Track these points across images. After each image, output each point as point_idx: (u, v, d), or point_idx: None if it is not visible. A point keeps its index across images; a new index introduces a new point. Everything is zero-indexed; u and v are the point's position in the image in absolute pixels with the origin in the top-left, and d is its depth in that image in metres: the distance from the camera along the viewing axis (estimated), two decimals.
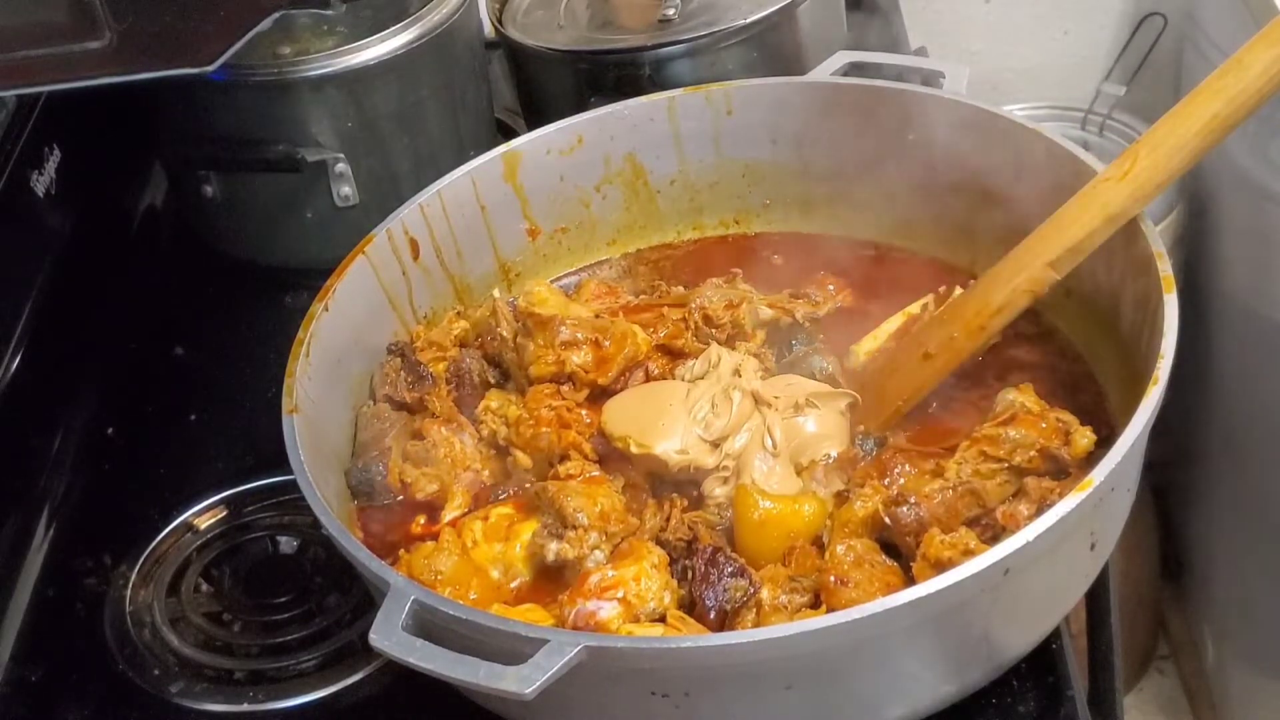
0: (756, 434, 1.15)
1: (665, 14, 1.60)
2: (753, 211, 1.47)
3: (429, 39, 1.54)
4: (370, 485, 1.21)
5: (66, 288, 1.51)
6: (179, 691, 1.18)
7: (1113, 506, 1.03)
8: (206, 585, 1.28)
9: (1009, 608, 0.97)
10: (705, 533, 1.11)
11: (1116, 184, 1.09)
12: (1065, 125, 2.31)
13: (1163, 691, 2.40)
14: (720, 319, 1.30)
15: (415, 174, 1.54)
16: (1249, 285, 1.98)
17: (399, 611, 0.92)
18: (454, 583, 1.10)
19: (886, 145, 1.34)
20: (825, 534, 1.09)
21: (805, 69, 1.44)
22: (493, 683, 0.87)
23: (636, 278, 1.45)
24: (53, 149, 1.53)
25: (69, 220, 1.55)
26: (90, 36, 1.21)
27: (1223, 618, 2.24)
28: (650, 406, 1.18)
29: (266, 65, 1.50)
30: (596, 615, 1.03)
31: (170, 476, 1.40)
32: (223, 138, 1.55)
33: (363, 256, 1.27)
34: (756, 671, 0.92)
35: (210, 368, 1.56)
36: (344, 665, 1.18)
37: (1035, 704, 1.05)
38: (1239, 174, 1.92)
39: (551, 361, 1.25)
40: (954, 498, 1.06)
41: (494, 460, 1.24)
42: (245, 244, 1.65)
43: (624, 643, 0.95)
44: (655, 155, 1.44)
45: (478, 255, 1.40)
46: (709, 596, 1.03)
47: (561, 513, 1.10)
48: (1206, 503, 2.24)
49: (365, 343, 1.29)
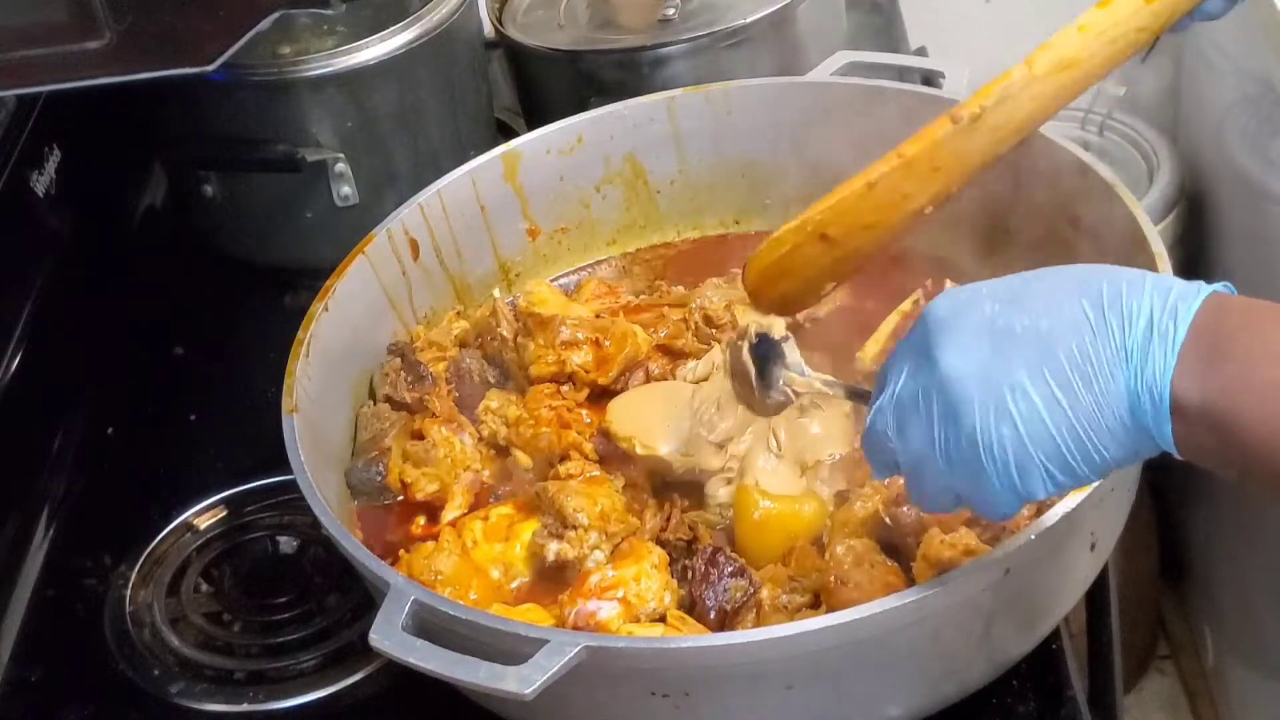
0: (760, 436, 1.15)
1: (665, 14, 1.60)
2: (753, 211, 1.47)
3: (429, 39, 1.54)
4: (370, 485, 1.21)
5: (66, 288, 1.51)
6: (179, 691, 1.18)
7: (1113, 506, 1.03)
8: (206, 585, 1.28)
9: (1009, 608, 0.97)
10: (705, 533, 1.11)
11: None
12: (1065, 125, 2.31)
13: (1163, 691, 2.40)
14: (720, 319, 1.30)
15: (415, 174, 1.54)
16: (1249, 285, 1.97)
17: (399, 611, 0.92)
18: (454, 583, 1.10)
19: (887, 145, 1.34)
20: (825, 534, 1.09)
21: (805, 69, 1.44)
22: (493, 683, 0.87)
23: (635, 278, 1.45)
24: (53, 149, 1.53)
25: (69, 220, 1.55)
26: (90, 36, 1.21)
27: (1223, 618, 2.24)
28: (655, 407, 1.18)
29: (266, 65, 1.50)
30: (596, 615, 1.03)
31: (170, 476, 1.40)
32: (223, 138, 1.55)
33: (363, 256, 1.27)
34: (756, 671, 0.92)
35: (210, 368, 1.56)
36: (344, 665, 1.18)
37: (1035, 704, 1.05)
38: (1239, 174, 1.92)
39: (552, 361, 1.25)
40: None
41: (494, 460, 1.24)
42: (245, 244, 1.65)
43: (624, 643, 0.95)
44: (655, 155, 1.44)
45: (478, 255, 1.40)
46: (709, 596, 1.03)
47: (561, 513, 1.10)
48: (1206, 503, 2.24)
49: (365, 343, 1.29)
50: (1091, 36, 1.00)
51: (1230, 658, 2.20)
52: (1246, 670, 2.16)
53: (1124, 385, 0.72)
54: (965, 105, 1.04)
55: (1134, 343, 0.72)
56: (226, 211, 1.62)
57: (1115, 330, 0.73)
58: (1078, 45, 1.01)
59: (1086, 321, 0.73)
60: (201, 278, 1.67)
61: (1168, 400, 0.72)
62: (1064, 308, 0.74)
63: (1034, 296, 0.76)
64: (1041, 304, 0.75)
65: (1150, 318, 0.72)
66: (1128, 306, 0.73)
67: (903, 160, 1.08)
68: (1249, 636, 2.13)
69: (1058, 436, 0.74)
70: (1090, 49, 1.00)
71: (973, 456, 0.76)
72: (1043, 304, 0.75)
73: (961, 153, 1.05)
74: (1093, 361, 0.73)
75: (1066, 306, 0.74)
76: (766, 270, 1.16)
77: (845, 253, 1.07)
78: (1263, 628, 2.06)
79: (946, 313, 0.78)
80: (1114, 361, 0.73)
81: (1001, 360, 0.75)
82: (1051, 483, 0.76)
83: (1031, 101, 1.03)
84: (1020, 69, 1.02)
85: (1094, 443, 0.74)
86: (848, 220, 1.09)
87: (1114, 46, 1.00)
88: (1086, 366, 0.73)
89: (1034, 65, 1.02)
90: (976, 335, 0.76)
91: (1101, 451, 0.74)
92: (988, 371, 0.75)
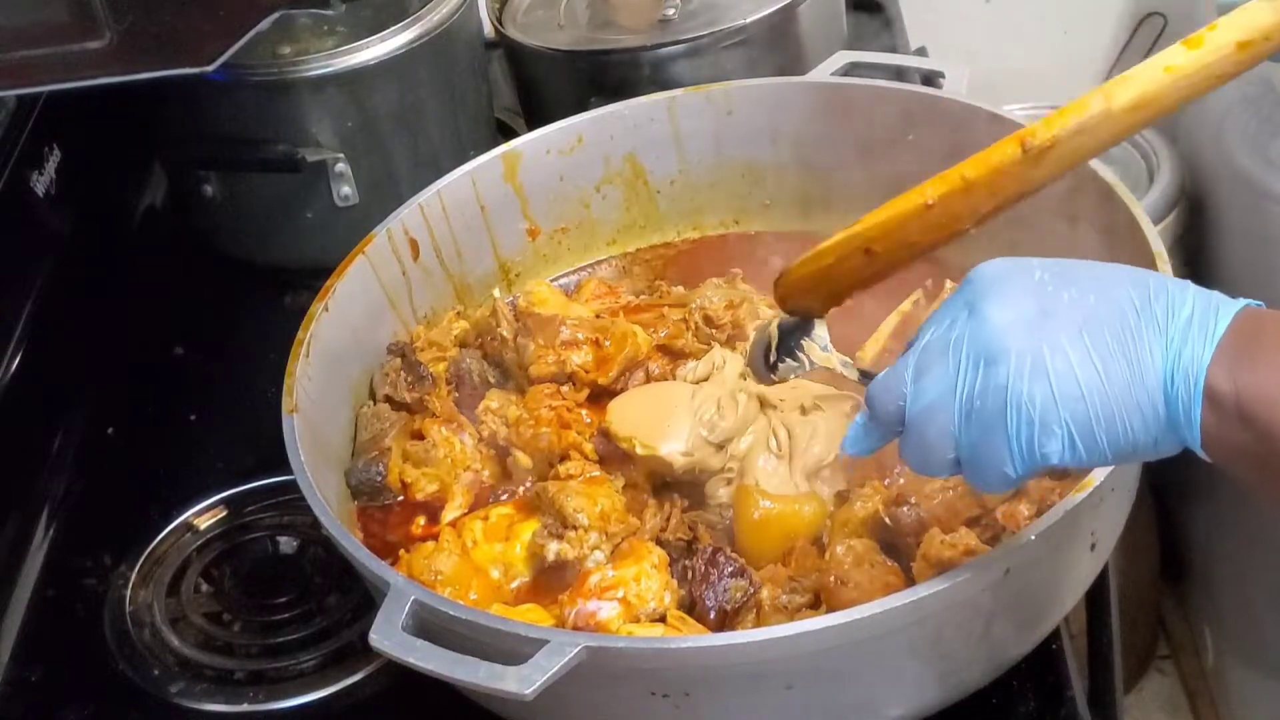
0: (761, 436, 1.15)
1: (665, 14, 1.60)
2: (753, 211, 1.47)
3: (429, 39, 1.54)
4: (370, 485, 1.21)
5: (66, 288, 1.51)
6: (179, 691, 1.18)
7: (1113, 506, 1.03)
8: (206, 585, 1.28)
9: (1009, 608, 0.97)
10: (705, 533, 1.11)
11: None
12: None
13: (1163, 691, 2.40)
14: (720, 319, 1.30)
15: (415, 174, 1.54)
16: (1249, 285, 1.98)
17: (399, 611, 0.92)
18: (454, 583, 1.10)
19: (886, 145, 1.34)
20: (825, 534, 1.09)
21: (805, 69, 1.44)
22: (493, 683, 0.87)
23: (635, 278, 1.45)
24: (53, 149, 1.53)
25: (69, 220, 1.55)
26: (90, 36, 1.21)
27: (1223, 618, 2.24)
28: (656, 408, 1.18)
29: (266, 65, 1.50)
30: (596, 615, 1.03)
31: (170, 476, 1.40)
32: (223, 138, 1.55)
33: (363, 256, 1.27)
34: (756, 671, 0.92)
35: (210, 368, 1.56)
36: (344, 665, 1.18)
37: (1035, 704, 1.05)
38: (1239, 174, 1.92)
39: (552, 361, 1.25)
40: (954, 498, 1.05)
41: (494, 460, 1.24)
42: (245, 244, 1.65)
43: (624, 643, 0.95)
44: (655, 155, 1.44)
45: (478, 255, 1.40)
46: (709, 596, 1.03)
47: (561, 513, 1.10)
48: (1206, 503, 2.24)
49: (365, 343, 1.29)
50: (1177, 78, 0.99)
51: (1230, 658, 2.20)
52: (1246, 670, 2.16)
53: (1161, 364, 0.75)
54: (1037, 133, 1.02)
55: (1175, 329, 0.75)
56: (226, 211, 1.62)
57: (1159, 316, 0.76)
58: (1160, 85, 0.99)
59: (1132, 305, 0.76)
60: (201, 278, 1.67)
61: (1201, 384, 0.74)
62: (1111, 290, 0.77)
63: (1083, 275, 0.79)
64: (1090, 282, 0.78)
65: (1192, 311, 0.76)
66: (1172, 299, 0.76)
67: (965, 183, 1.07)
68: (1249, 636, 2.13)
69: (1088, 400, 0.75)
70: (1172, 90, 0.99)
71: (995, 407, 0.77)
72: (1092, 282, 0.78)
73: (1023, 179, 1.04)
74: (1134, 337, 0.75)
75: (1114, 289, 0.77)
76: (803, 280, 1.15)
77: (883, 266, 1.07)
78: (1263, 628, 2.06)
79: (996, 271, 0.81)
80: (1154, 341, 0.75)
81: (1046, 319, 0.77)
82: (1069, 450, 0.77)
83: (1105, 136, 1.02)
84: (1098, 100, 1.00)
85: (1122, 417, 0.75)
86: (895, 237, 1.08)
87: (1194, 90, 0.99)
88: (1127, 341, 0.75)
89: (1112, 100, 1.00)
90: (1024, 293, 0.78)
91: (1127, 428, 0.76)
92: (1030, 326, 0.77)
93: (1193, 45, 0.96)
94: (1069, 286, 0.78)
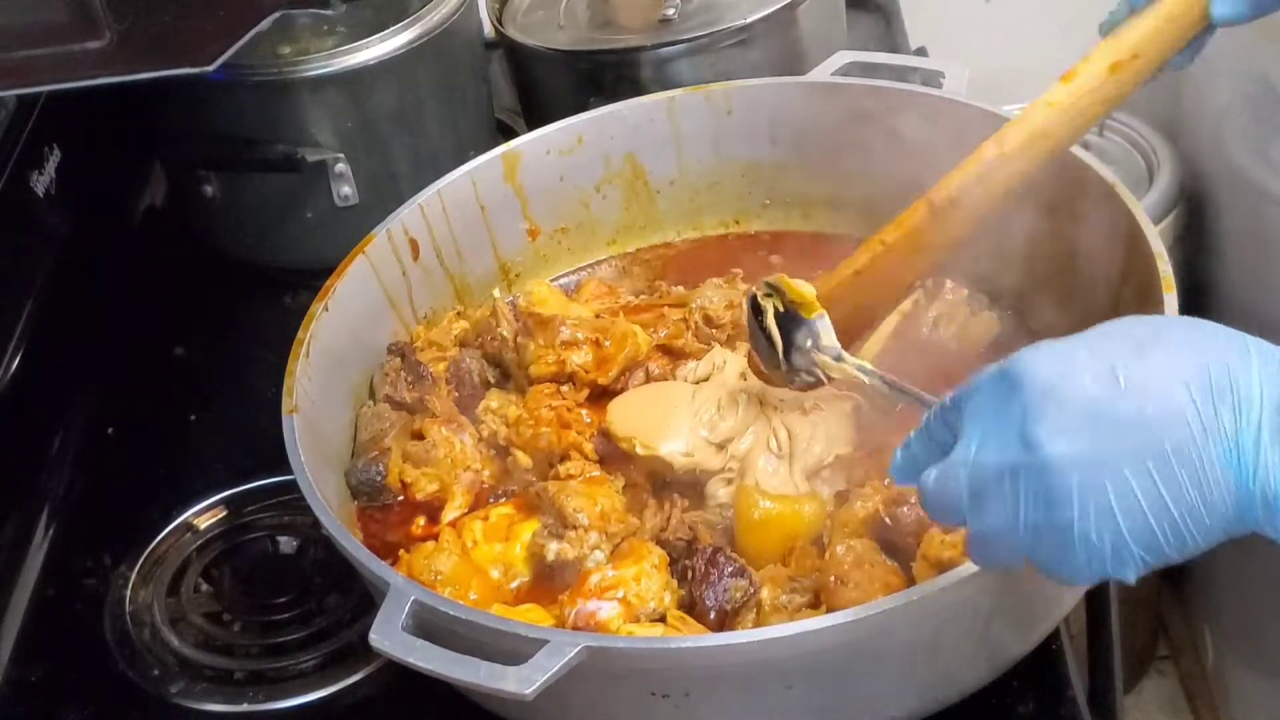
0: (761, 436, 1.15)
1: (665, 14, 1.60)
2: (753, 211, 1.47)
3: (429, 39, 1.54)
4: (370, 485, 1.21)
5: (66, 288, 1.51)
6: (179, 691, 1.18)
7: None
8: (206, 585, 1.28)
9: (1009, 608, 0.97)
10: (705, 533, 1.11)
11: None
12: None
13: (1163, 691, 2.40)
14: (720, 319, 1.30)
15: (415, 174, 1.54)
16: (1249, 285, 1.98)
17: (399, 612, 0.92)
18: (454, 583, 1.10)
19: (886, 145, 1.34)
20: (825, 534, 1.09)
21: (805, 69, 1.44)
22: (493, 683, 0.87)
23: (635, 278, 1.45)
24: (53, 149, 1.53)
25: (69, 220, 1.55)
26: (90, 36, 1.20)
27: (1223, 618, 2.24)
28: (656, 408, 1.18)
29: (266, 65, 1.50)
30: (596, 615, 1.03)
31: (170, 476, 1.40)
32: (223, 138, 1.55)
33: (363, 256, 1.27)
34: (756, 671, 0.92)
35: (210, 368, 1.56)
36: (344, 665, 1.18)
37: (1035, 704, 1.05)
38: (1239, 174, 1.92)
39: (552, 361, 1.25)
40: None
41: (494, 460, 1.24)
42: (245, 244, 1.65)
43: (624, 643, 0.95)
44: (655, 155, 1.44)
45: (478, 255, 1.40)
46: (709, 596, 1.03)
47: (561, 513, 1.10)
48: None
49: (365, 343, 1.29)
50: (1059, 111, 1.03)
51: (1230, 658, 2.20)
52: (1246, 670, 2.16)
53: (1234, 484, 0.71)
54: (941, 190, 1.08)
55: (1247, 438, 0.71)
56: (226, 211, 1.62)
57: (1227, 425, 0.71)
58: (1046, 120, 1.04)
59: (1197, 415, 0.71)
60: (201, 278, 1.67)
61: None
62: (1170, 394, 0.72)
63: (1137, 375, 0.73)
64: (1146, 386, 0.72)
65: (1261, 410, 0.71)
66: (1239, 397, 0.71)
67: (885, 247, 1.14)
68: (1249, 636, 2.13)
69: (1157, 529, 0.72)
70: (1060, 123, 1.04)
71: (1063, 543, 0.75)
72: (1147, 386, 0.72)
73: (943, 231, 1.10)
74: (1201, 459, 0.71)
75: (1173, 392, 0.72)
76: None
77: (849, 326, 1.14)
78: (1263, 628, 2.06)
79: (1045, 384, 0.75)
80: (1225, 461, 0.71)
81: (1104, 450, 0.72)
82: (1144, 565, 0.75)
83: (1007, 179, 1.06)
84: (991, 147, 1.06)
85: (1193, 536, 0.73)
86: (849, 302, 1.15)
87: (1084, 116, 1.04)
88: (1195, 463, 0.71)
89: (1004, 143, 1.05)
90: (1078, 420, 0.73)
91: (1198, 543, 0.73)
92: (1090, 461, 0.73)
93: (1068, 79, 1.03)
94: (1124, 398, 0.72)
